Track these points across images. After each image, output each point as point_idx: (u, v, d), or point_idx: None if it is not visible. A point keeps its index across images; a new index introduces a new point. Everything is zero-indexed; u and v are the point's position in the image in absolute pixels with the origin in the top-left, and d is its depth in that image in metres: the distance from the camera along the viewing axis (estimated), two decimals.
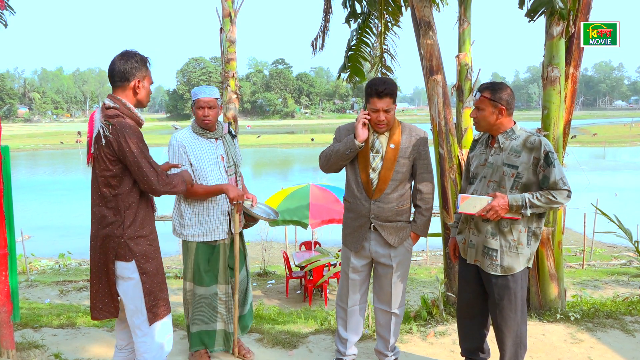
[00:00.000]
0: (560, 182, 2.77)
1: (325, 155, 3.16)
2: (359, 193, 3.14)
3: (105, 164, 2.54)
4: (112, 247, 2.59)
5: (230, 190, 3.21)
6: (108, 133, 2.50)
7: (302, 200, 9.10)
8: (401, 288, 3.28)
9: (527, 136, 2.86)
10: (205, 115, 3.27)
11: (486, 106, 2.88)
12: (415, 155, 3.13)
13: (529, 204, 2.78)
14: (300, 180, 21.38)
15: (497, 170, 2.90)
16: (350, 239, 3.24)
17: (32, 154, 46.87)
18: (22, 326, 4.12)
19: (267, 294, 9.85)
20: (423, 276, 11.13)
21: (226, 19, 7.28)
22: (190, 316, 3.43)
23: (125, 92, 2.63)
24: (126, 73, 2.60)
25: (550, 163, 2.78)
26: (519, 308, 2.95)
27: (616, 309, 4.46)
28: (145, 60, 2.68)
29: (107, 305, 2.70)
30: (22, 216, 15.12)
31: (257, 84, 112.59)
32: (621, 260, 13.29)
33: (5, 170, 3.16)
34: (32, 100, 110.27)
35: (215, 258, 3.37)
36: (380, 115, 3.00)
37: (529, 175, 2.83)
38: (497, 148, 2.92)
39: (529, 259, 2.93)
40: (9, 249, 3.17)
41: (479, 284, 3.07)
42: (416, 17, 4.62)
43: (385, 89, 2.96)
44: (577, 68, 4.41)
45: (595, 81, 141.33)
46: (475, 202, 2.86)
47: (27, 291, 9.46)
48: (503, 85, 2.91)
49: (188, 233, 3.33)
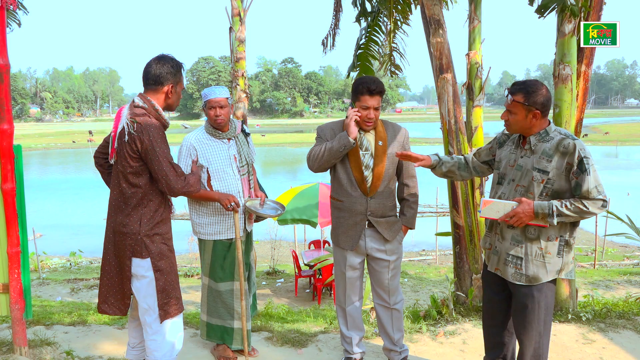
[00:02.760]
0: (595, 190, 2.52)
1: (315, 154, 3.15)
2: (354, 191, 3.17)
3: (127, 160, 2.59)
4: (129, 244, 2.63)
5: (222, 199, 3.24)
6: (132, 130, 2.55)
7: (311, 199, 9.10)
8: (397, 282, 3.34)
9: (561, 139, 2.61)
10: (217, 115, 3.31)
11: (519, 110, 2.64)
12: (401, 150, 3.18)
13: (557, 212, 2.55)
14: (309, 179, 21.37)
15: (526, 174, 2.69)
16: (345, 237, 3.26)
17: (44, 153, 47.32)
18: (35, 323, 4.17)
19: (276, 292, 9.87)
20: (432, 275, 11.10)
21: (235, 18, 7.31)
22: (207, 310, 3.49)
23: (157, 95, 2.69)
24: (161, 77, 2.66)
25: (584, 170, 2.53)
26: (542, 319, 2.74)
27: (628, 309, 4.41)
28: (180, 66, 2.75)
29: (117, 302, 2.73)
30: (34, 215, 15.27)
31: (266, 83, 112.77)
32: (633, 260, 13.15)
33: (18, 169, 3.19)
34: (44, 100, 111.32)
35: (231, 255, 3.41)
36: (370, 112, 3.08)
37: (560, 182, 2.61)
38: (528, 150, 2.70)
39: (560, 270, 2.71)
40: (22, 247, 3.20)
41: (503, 290, 2.89)
42: (426, 15, 4.60)
43: (376, 87, 3.06)
44: (589, 66, 4.36)
45: (608, 79, 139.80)
46: (498, 206, 2.68)
47: (39, 289, 9.57)
48: (537, 86, 2.64)
49: (205, 232, 3.39)
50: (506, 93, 2.72)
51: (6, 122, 3.11)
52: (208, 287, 3.46)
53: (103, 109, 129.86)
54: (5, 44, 3.09)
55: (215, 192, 3.28)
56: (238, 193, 3.37)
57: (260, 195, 3.52)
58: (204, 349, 3.70)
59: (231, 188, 3.35)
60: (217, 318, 3.48)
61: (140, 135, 2.55)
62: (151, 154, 2.57)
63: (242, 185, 3.41)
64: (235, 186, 3.36)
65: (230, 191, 3.34)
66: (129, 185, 2.62)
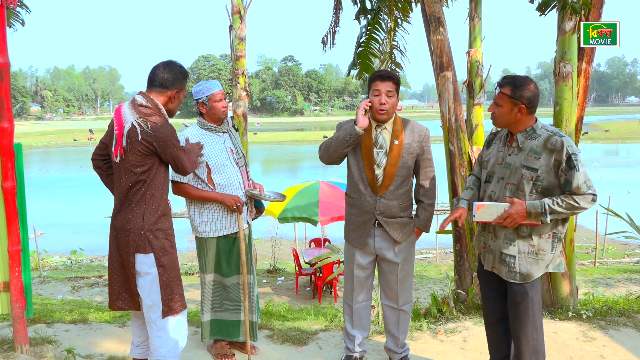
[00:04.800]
0: (584, 185, 2.55)
1: (325, 144, 3.13)
2: (364, 189, 3.12)
3: (137, 157, 2.62)
4: (133, 239, 2.65)
5: (225, 199, 3.27)
6: (148, 129, 2.58)
7: (311, 197, 9.11)
8: (407, 284, 3.28)
9: (549, 136, 2.62)
10: (224, 107, 3.37)
11: (505, 103, 2.67)
12: (419, 151, 3.12)
13: (549, 210, 2.57)
14: (309, 177, 21.40)
15: (515, 172, 2.69)
16: (354, 235, 3.23)
17: (45, 152, 47.35)
18: (35, 322, 4.17)
19: (277, 290, 9.88)
20: (433, 273, 11.11)
21: (236, 17, 7.31)
22: (211, 305, 3.50)
23: (160, 97, 2.73)
24: (167, 82, 2.72)
25: (573, 166, 2.55)
26: (536, 314, 2.78)
27: (629, 307, 4.41)
28: (186, 74, 2.81)
29: (126, 299, 2.76)
30: (35, 213, 15.28)
31: (267, 81, 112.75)
32: (634, 258, 13.17)
33: (18, 167, 3.19)
34: (44, 98, 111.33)
35: (236, 249, 3.43)
36: (382, 97, 2.96)
37: (549, 179, 2.63)
38: (516, 147, 2.71)
39: (550, 264, 2.75)
40: (22, 245, 3.21)
41: (500, 288, 2.91)
42: (426, 13, 4.60)
43: (388, 72, 3.02)
44: (590, 64, 4.35)
45: (608, 77, 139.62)
46: (491, 209, 2.68)
47: (39, 287, 9.58)
48: (526, 81, 2.67)
49: (209, 229, 3.38)
50: (495, 86, 2.75)
51: (6, 121, 3.11)
52: (214, 282, 3.48)
53: (103, 108, 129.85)
54: (5, 42, 3.09)
55: (217, 193, 3.29)
56: (239, 184, 3.39)
57: (259, 186, 3.55)
58: (202, 347, 3.70)
59: (232, 180, 3.36)
60: (223, 312, 3.50)
61: (158, 134, 2.60)
62: (171, 149, 2.68)
63: (241, 176, 3.44)
64: (235, 178, 3.38)
65: (232, 183, 3.36)
66: (133, 180, 2.65)
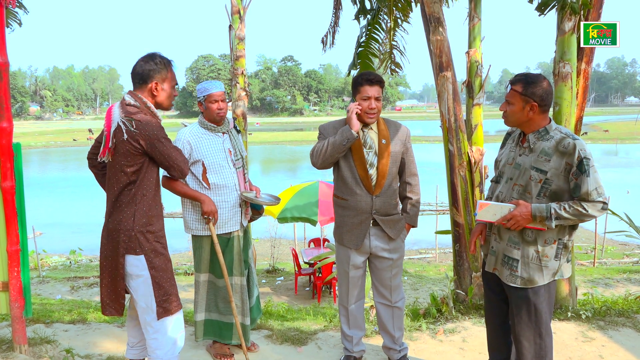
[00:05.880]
0: (595, 192, 2.44)
1: (318, 150, 3.14)
2: (359, 189, 3.15)
3: (125, 158, 2.59)
4: (123, 240, 2.62)
5: (206, 203, 3.23)
6: (132, 128, 2.54)
7: (311, 197, 9.11)
8: (399, 280, 3.35)
9: (562, 138, 2.53)
10: (220, 108, 3.36)
11: (517, 101, 2.59)
12: (403, 149, 3.24)
13: (555, 215, 2.48)
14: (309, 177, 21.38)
15: (524, 173, 2.62)
16: (350, 236, 3.24)
17: (44, 152, 47.31)
18: (34, 322, 4.17)
19: (276, 290, 9.88)
20: (432, 274, 11.11)
21: (235, 16, 7.30)
22: (205, 305, 3.49)
23: (144, 94, 2.69)
24: (144, 75, 2.66)
25: (584, 171, 2.44)
26: (542, 321, 2.67)
27: (628, 307, 4.41)
28: (166, 62, 2.71)
29: (113, 302, 2.72)
30: (34, 213, 15.26)
31: (266, 81, 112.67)
32: (633, 258, 13.17)
33: (17, 167, 3.19)
34: (44, 98, 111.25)
35: (229, 250, 3.42)
36: (371, 102, 3.07)
37: (559, 183, 2.53)
38: (527, 148, 2.63)
39: (557, 272, 2.64)
40: (21, 245, 3.20)
41: (503, 290, 2.83)
42: (426, 13, 4.59)
43: (375, 76, 3.09)
44: (589, 64, 4.35)
45: (608, 77, 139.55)
46: (495, 209, 2.62)
47: (38, 287, 9.58)
48: (539, 79, 2.59)
49: (201, 227, 3.37)
50: (506, 83, 2.71)
51: (5, 120, 3.11)
52: (208, 282, 3.47)
53: (103, 107, 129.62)
54: (4, 42, 3.08)
55: (200, 194, 3.26)
56: (234, 186, 3.39)
57: (255, 189, 3.55)
58: (201, 347, 3.70)
59: (227, 181, 3.36)
60: (216, 313, 3.48)
61: (143, 133, 2.55)
62: (159, 147, 2.62)
63: (237, 178, 3.43)
64: (231, 179, 3.38)
65: (227, 184, 3.36)
66: (124, 180, 2.62)
